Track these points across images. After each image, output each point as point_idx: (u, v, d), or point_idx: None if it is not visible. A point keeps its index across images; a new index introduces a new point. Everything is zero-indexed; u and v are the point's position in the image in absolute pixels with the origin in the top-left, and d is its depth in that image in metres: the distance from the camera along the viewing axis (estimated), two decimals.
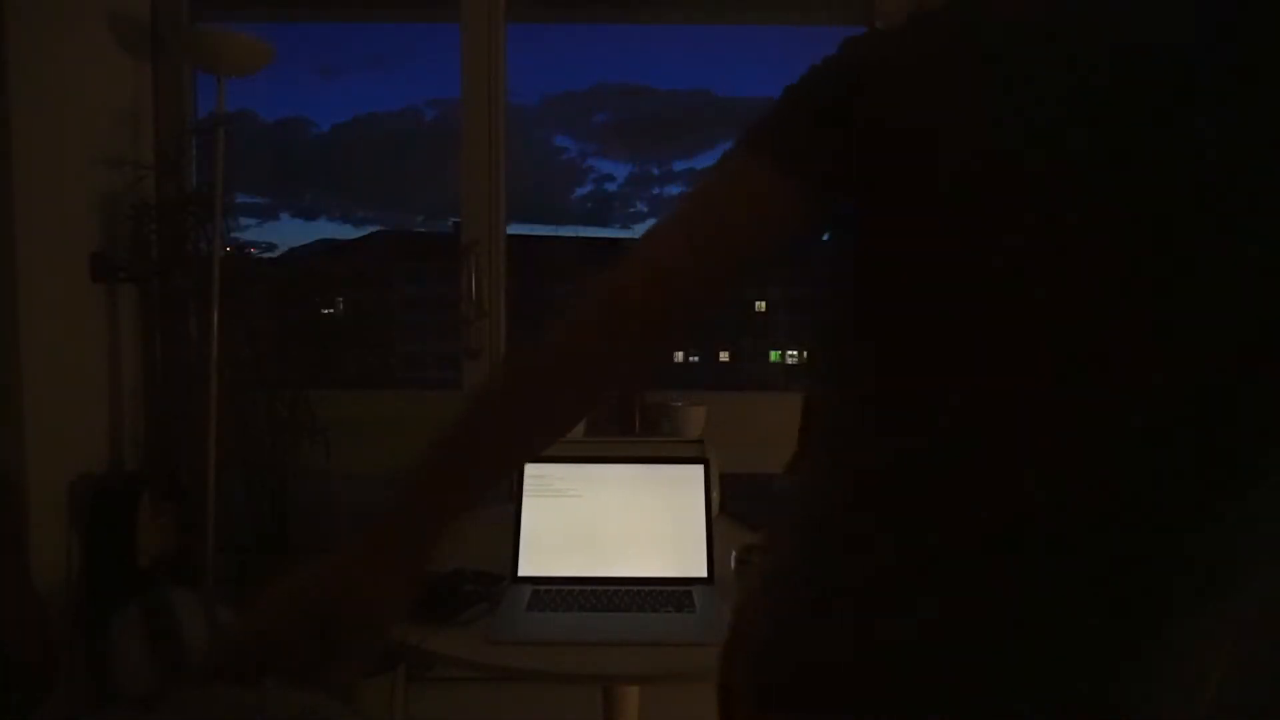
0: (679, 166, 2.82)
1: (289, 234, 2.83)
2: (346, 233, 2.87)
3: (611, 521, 1.50)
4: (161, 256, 2.23)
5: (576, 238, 2.79)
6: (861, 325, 0.63)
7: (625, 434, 2.16)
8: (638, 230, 2.83)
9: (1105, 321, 0.51)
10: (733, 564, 1.51)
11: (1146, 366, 0.50)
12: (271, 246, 2.75)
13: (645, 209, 2.83)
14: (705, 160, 2.84)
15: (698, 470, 1.58)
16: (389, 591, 0.66)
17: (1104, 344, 0.51)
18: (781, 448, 0.82)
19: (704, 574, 1.52)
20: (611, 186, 2.86)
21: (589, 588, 1.41)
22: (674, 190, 2.81)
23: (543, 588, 1.42)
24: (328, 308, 2.73)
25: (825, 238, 0.67)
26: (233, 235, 2.29)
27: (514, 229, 2.50)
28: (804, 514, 0.68)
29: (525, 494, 1.52)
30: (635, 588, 1.42)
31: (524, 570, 1.46)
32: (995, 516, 0.55)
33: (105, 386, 2.17)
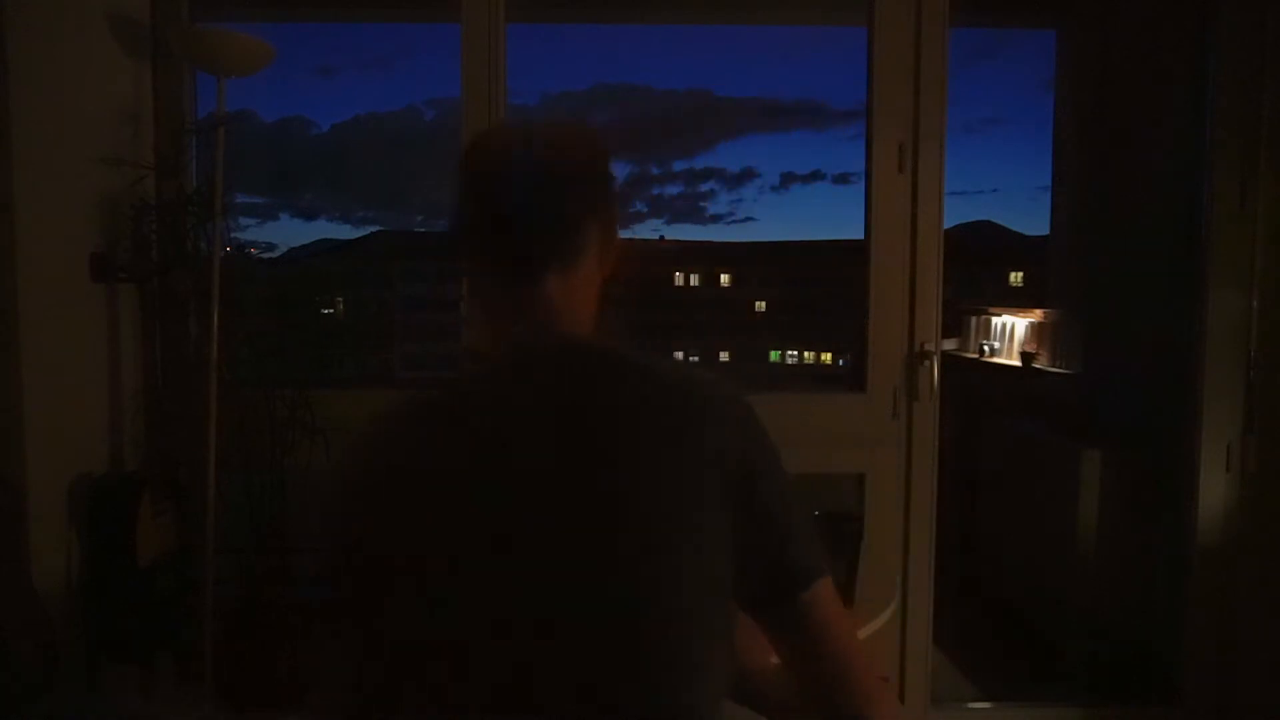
0: (679, 166, 2.84)
1: (289, 234, 2.86)
2: (346, 233, 2.90)
3: None
4: (161, 256, 2.23)
5: None
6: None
7: None
8: (638, 230, 2.83)
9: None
10: None
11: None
12: (271, 246, 2.75)
13: (645, 209, 2.84)
14: (705, 160, 2.84)
15: None
16: None
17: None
18: (781, 448, 0.84)
19: None
20: None
21: None
22: (674, 190, 2.80)
23: None
24: (328, 308, 2.72)
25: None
26: (233, 235, 2.29)
27: None
28: None
29: None
30: None
31: None
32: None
33: (105, 386, 2.17)
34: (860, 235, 2.40)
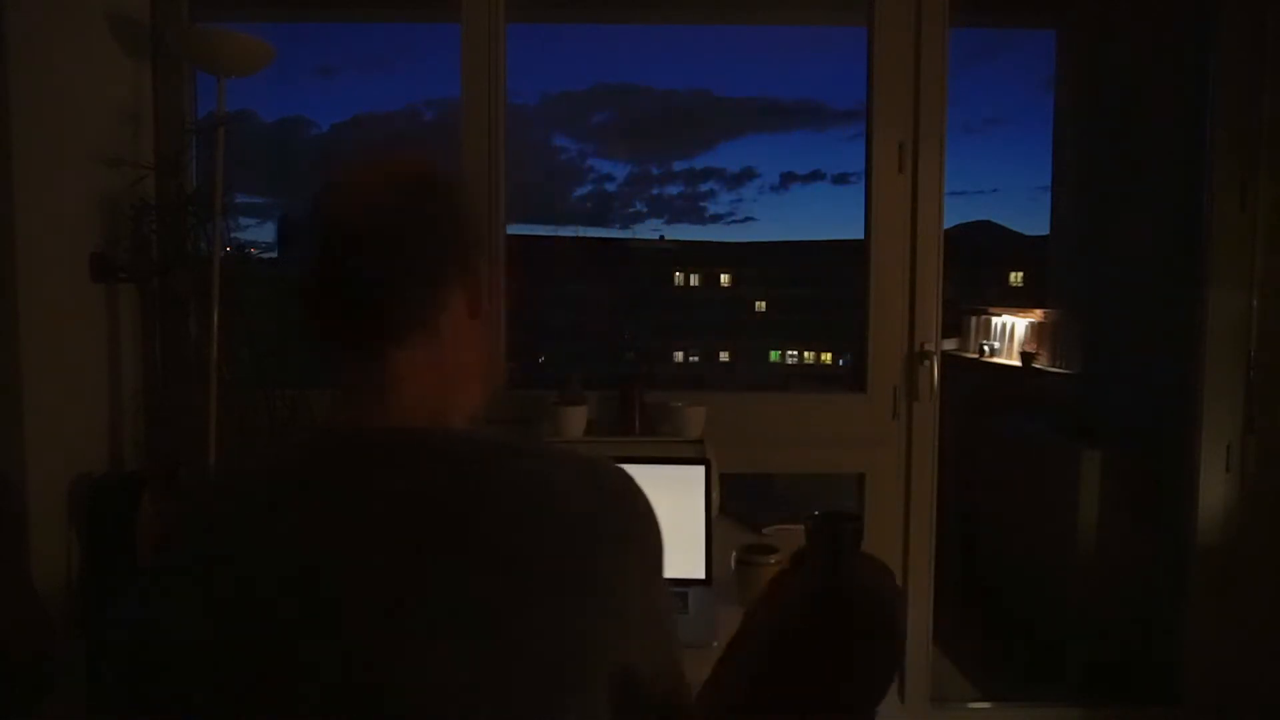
0: (679, 166, 2.83)
1: None
2: None
3: None
4: (161, 256, 2.23)
5: (576, 238, 2.79)
6: None
7: (625, 434, 2.16)
8: (638, 230, 2.83)
9: None
10: (733, 565, 1.51)
11: None
12: (272, 246, 2.74)
13: (645, 208, 2.84)
14: (705, 160, 2.84)
15: (698, 471, 1.58)
16: None
17: None
18: (781, 448, 0.83)
19: (702, 575, 1.52)
20: (611, 186, 2.86)
21: None
22: (674, 190, 2.81)
23: None
24: None
25: None
26: (233, 235, 2.28)
27: (514, 229, 2.50)
28: None
29: None
30: None
31: None
32: None
33: (105, 386, 2.17)
34: (860, 235, 2.40)
